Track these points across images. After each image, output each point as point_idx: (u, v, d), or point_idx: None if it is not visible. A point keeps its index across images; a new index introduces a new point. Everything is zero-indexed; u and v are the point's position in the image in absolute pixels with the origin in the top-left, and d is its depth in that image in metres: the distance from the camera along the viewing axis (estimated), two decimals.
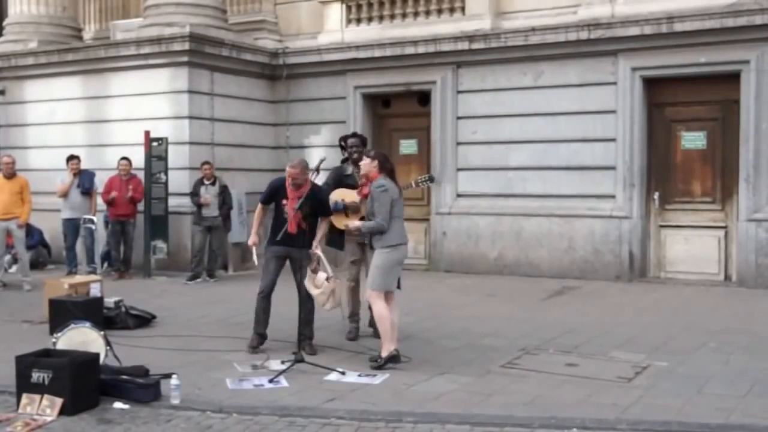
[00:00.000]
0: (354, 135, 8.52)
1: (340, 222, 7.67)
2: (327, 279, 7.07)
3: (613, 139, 12.08)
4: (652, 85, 12.04)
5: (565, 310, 9.82)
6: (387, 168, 7.09)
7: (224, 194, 12.64)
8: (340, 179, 8.11)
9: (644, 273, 12.12)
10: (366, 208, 7.24)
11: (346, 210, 7.79)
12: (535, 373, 6.73)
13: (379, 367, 6.80)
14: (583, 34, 12.12)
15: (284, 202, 7.43)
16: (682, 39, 11.52)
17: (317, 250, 7.33)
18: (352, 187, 7.91)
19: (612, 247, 12.03)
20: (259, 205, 7.84)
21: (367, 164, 7.17)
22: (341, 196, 7.89)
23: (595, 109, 12.23)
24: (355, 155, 8.07)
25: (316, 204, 7.43)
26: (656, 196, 12.13)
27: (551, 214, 12.48)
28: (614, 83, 12.08)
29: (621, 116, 12.02)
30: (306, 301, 7.27)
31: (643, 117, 12.04)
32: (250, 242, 7.95)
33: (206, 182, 12.40)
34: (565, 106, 12.41)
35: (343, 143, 8.49)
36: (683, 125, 12.01)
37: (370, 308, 7.75)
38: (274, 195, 7.61)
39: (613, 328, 8.63)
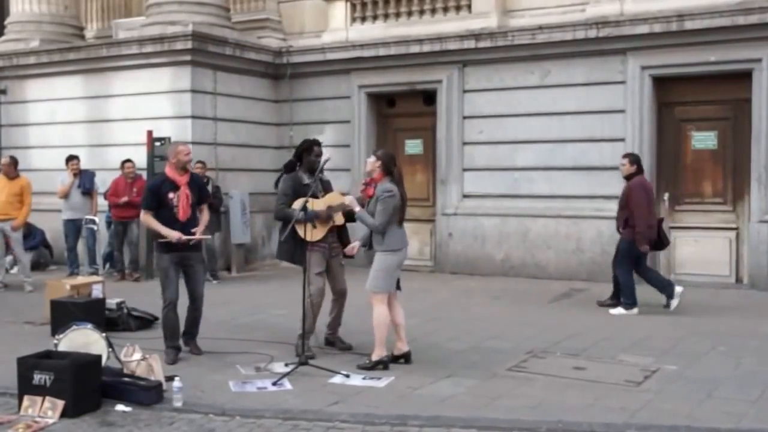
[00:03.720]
0: (319, 143, 7.75)
1: (315, 234, 7.36)
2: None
3: (622, 139, 11.93)
4: (661, 84, 11.89)
5: (573, 313, 9.73)
6: (390, 170, 6.96)
7: (216, 194, 12.46)
8: (297, 189, 7.45)
9: None
10: (368, 208, 7.06)
11: (316, 218, 7.36)
12: (542, 377, 6.67)
13: (366, 369, 6.81)
14: (591, 33, 11.98)
15: (171, 195, 7.29)
16: (692, 37, 11.37)
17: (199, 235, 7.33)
18: (313, 197, 7.34)
19: None
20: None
21: (371, 163, 7.04)
22: (312, 204, 7.28)
23: (603, 109, 12.10)
24: (316, 166, 7.55)
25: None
26: (666, 197, 11.98)
27: (558, 215, 12.33)
28: (623, 82, 11.94)
29: (630, 116, 11.88)
30: (195, 300, 7.43)
31: (652, 117, 11.90)
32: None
33: None
34: (573, 105, 12.28)
35: (303, 148, 7.66)
36: (693, 125, 11.86)
37: (331, 328, 7.77)
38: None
39: (621, 330, 8.51)
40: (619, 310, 9.63)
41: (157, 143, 12.73)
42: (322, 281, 7.55)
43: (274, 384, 6.42)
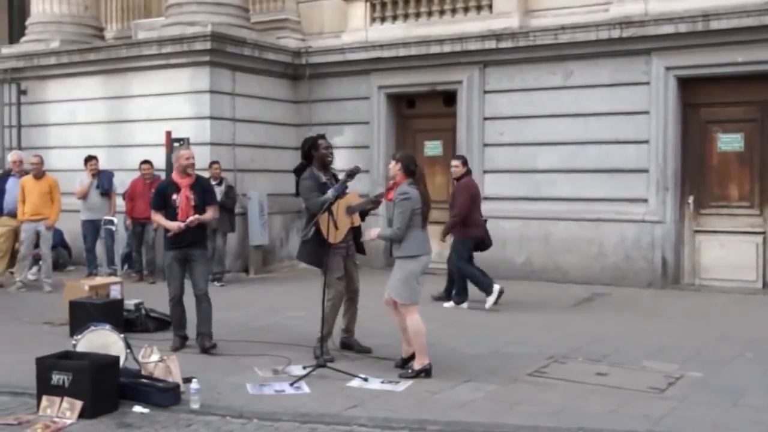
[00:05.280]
0: (323, 136, 7.75)
1: (338, 235, 7.26)
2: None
3: (646, 141, 11.77)
4: (686, 85, 11.72)
5: (595, 318, 9.61)
6: (411, 171, 6.83)
7: (229, 194, 12.38)
8: (320, 189, 7.39)
9: (678, 280, 11.78)
10: (388, 214, 6.97)
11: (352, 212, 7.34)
12: (563, 383, 6.59)
13: (410, 378, 6.69)
14: (615, 33, 11.82)
15: (174, 196, 7.73)
16: (718, 37, 11.18)
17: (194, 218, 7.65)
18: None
19: (644, 252, 11.69)
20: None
21: (391, 167, 6.94)
22: (346, 201, 7.31)
23: (626, 110, 11.93)
24: (329, 159, 7.59)
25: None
26: (691, 200, 11.80)
27: (581, 218, 12.17)
28: (647, 83, 11.77)
29: (654, 117, 11.71)
30: (198, 296, 7.68)
31: (677, 118, 11.72)
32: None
33: (213, 182, 12.08)
34: (596, 106, 12.13)
35: (309, 145, 7.62)
36: (719, 127, 11.67)
37: (347, 330, 7.70)
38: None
39: (644, 336, 8.39)
40: (449, 304, 10.23)
41: (176, 144, 12.70)
42: (343, 285, 7.49)
43: (292, 386, 6.41)
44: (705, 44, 11.30)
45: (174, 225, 7.64)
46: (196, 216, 7.70)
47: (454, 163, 10.47)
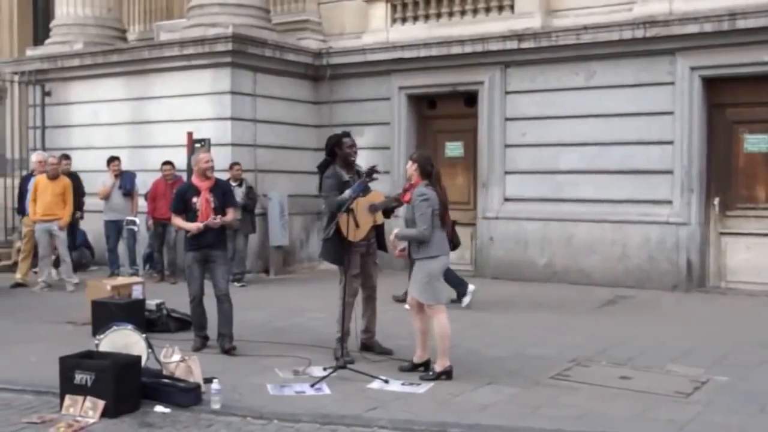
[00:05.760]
0: (348, 134, 7.69)
1: (358, 233, 7.23)
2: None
3: (671, 142, 11.64)
4: (712, 85, 11.57)
5: (618, 321, 9.51)
6: (428, 171, 6.81)
7: (249, 194, 12.39)
8: (340, 187, 7.37)
9: (703, 283, 11.63)
10: (405, 215, 6.93)
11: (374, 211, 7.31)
12: (587, 386, 6.52)
13: (431, 380, 6.65)
14: (639, 33, 11.70)
15: (195, 199, 7.80)
16: (744, 36, 11.02)
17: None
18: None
19: (669, 254, 11.56)
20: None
21: (410, 168, 6.91)
22: (357, 204, 7.21)
23: (651, 111, 11.80)
24: (353, 157, 7.56)
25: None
26: (716, 201, 11.63)
27: (603, 219, 12.05)
28: (672, 83, 11.64)
29: (679, 118, 11.58)
30: (219, 297, 7.71)
31: (702, 118, 11.58)
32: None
33: (233, 183, 12.07)
34: (619, 107, 12.01)
35: (333, 143, 7.57)
36: (746, 127, 11.49)
37: (367, 330, 7.65)
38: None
39: (669, 339, 8.29)
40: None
41: (197, 145, 12.74)
42: (358, 283, 7.49)
43: (313, 388, 6.40)
44: (731, 44, 11.14)
45: (193, 226, 7.69)
46: (220, 217, 7.74)
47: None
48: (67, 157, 12.83)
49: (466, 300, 10.19)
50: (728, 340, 8.22)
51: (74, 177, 12.67)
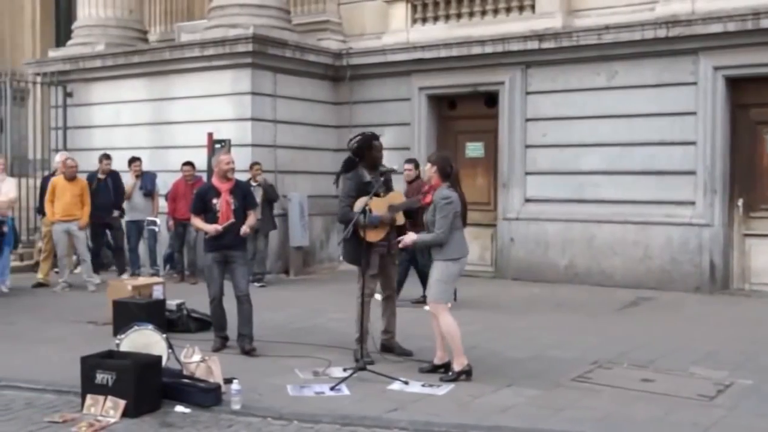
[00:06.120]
0: (377, 137, 7.66)
1: (375, 234, 7.23)
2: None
3: (693, 143, 11.54)
4: (735, 85, 11.47)
5: (641, 322, 9.44)
6: (448, 173, 6.79)
7: (269, 192, 12.35)
8: (360, 188, 7.35)
9: (726, 284, 11.52)
10: (426, 217, 6.89)
11: (381, 223, 7.24)
12: (608, 388, 6.47)
13: (452, 381, 6.63)
14: (661, 32, 11.61)
15: (215, 201, 7.80)
16: None
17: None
18: (375, 195, 7.22)
19: (691, 256, 11.46)
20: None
21: (427, 170, 6.90)
22: (373, 206, 7.15)
23: (673, 111, 11.71)
24: (380, 159, 7.52)
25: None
26: (740, 202, 11.52)
27: (625, 220, 11.97)
28: (694, 83, 11.54)
29: (701, 118, 11.48)
30: (240, 297, 7.72)
31: (725, 119, 11.48)
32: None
33: (253, 184, 12.06)
34: (641, 107, 11.92)
35: (362, 144, 7.49)
36: None
37: (387, 331, 7.61)
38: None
39: (692, 342, 8.21)
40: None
41: (218, 145, 12.78)
42: (375, 283, 7.48)
43: (332, 389, 6.39)
44: (755, 43, 11.03)
45: (211, 228, 7.70)
46: (245, 227, 7.77)
47: (407, 166, 10.55)
48: (107, 156, 12.74)
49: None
50: (752, 342, 8.13)
51: (115, 176, 12.70)
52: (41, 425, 5.63)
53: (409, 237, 6.90)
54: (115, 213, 12.72)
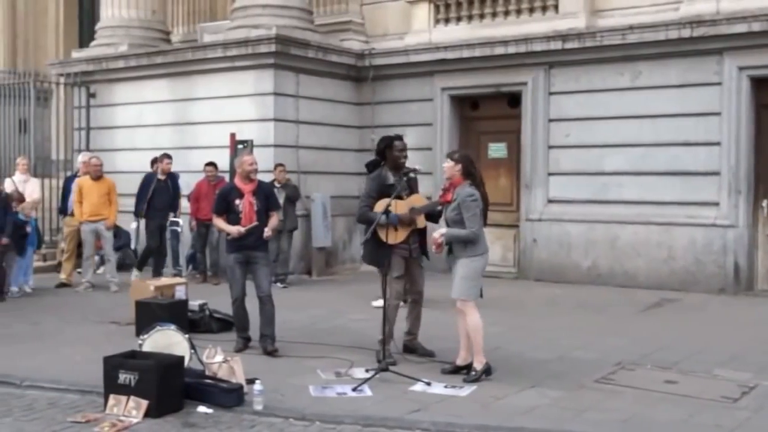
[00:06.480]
0: (400, 137, 7.67)
1: (396, 237, 7.21)
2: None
3: (718, 143, 11.45)
4: (760, 85, 11.35)
5: (664, 324, 9.37)
6: (470, 173, 6.82)
7: (291, 192, 12.36)
8: (382, 190, 7.37)
9: (751, 286, 11.41)
10: (445, 215, 6.91)
11: (399, 222, 7.22)
12: (632, 390, 6.44)
13: (474, 381, 6.62)
14: (686, 32, 11.52)
15: (237, 201, 7.79)
16: None
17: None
18: (397, 197, 7.22)
19: (715, 257, 11.36)
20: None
21: (450, 167, 6.87)
22: (395, 208, 7.17)
23: (697, 111, 11.62)
24: (402, 161, 7.50)
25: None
26: (765, 203, 11.42)
27: (649, 221, 11.89)
28: (719, 83, 11.45)
29: (726, 118, 11.38)
30: (262, 298, 7.73)
31: (750, 119, 11.37)
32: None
33: (277, 185, 12.08)
34: (665, 108, 11.83)
35: (384, 145, 7.57)
36: None
37: (410, 333, 7.60)
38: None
39: (716, 343, 8.14)
40: (379, 302, 9.97)
41: (240, 146, 12.80)
42: (401, 285, 7.46)
43: (354, 390, 6.38)
44: None
45: (234, 230, 7.70)
46: (268, 230, 7.78)
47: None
48: (168, 156, 12.63)
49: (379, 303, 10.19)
50: None
51: (173, 177, 12.65)
52: (64, 425, 5.67)
53: (438, 232, 6.88)
54: (172, 215, 12.64)
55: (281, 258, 12.20)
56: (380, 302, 9.98)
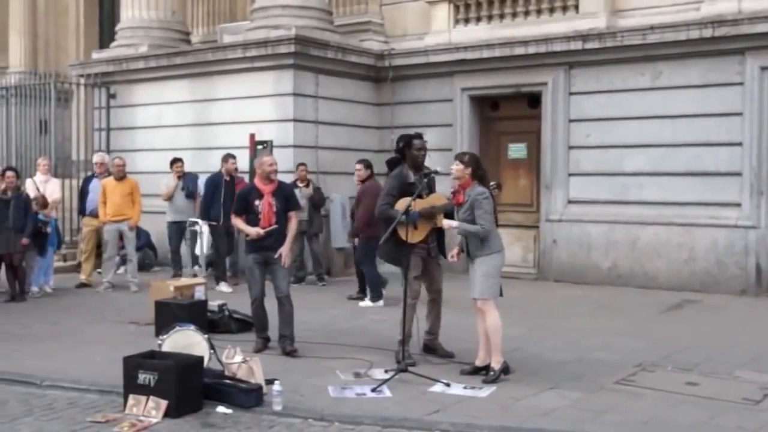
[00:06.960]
0: (420, 136, 7.68)
1: (415, 236, 7.20)
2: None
3: (739, 144, 11.37)
4: None
5: (685, 325, 9.31)
6: (479, 174, 6.90)
7: (317, 194, 12.45)
8: (403, 188, 7.36)
9: None
10: (458, 216, 6.91)
11: (420, 216, 7.21)
12: (652, 392, 6.39)
13: (494, 381, 6.62)
14: (707, 32, 11.45)
15: (257, 202, 7.77)
16: None
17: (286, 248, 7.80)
18: (418, 197, 7.20)
19: (737, 258, 11.28)
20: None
21: (460, 170, 6.91)
22: (415, 204, 7.15)
23: (719, 112, 11.54)
24: (421, 159, 7.51)
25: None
26: None
27: (670, 222, 11.82)
28: (741, 83, 11.37)
29: (748, 119, 11.30)
30: (280, 298, 7.72)
31: None
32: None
33: (300, 185, 12.07)
34: (686, 108, 11.77)
35: (403, 143, 7.57)
36: None
37: (430, 332, 7.59)
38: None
39: (737, 345, 8.08)
40: (366, 303, 10.52)
41: (260, 146, 12.81)
42: (419, 285, 7.43)
43: (374, 390, 6.37)
44: None
45: (253, 231, 7.69)
46: (288, 245, 7.80)
47: (357, 167, 11.09)
48: (233, 156, 12.38)
49: (367, 303, 10.52)
50: None
51: (233, 178, 12.39)
52: (84, 425, 5.68)
53: (450, 222, 6.91)
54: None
55: (314, 258, 12.54)
56: (368, 303, 10.41)
